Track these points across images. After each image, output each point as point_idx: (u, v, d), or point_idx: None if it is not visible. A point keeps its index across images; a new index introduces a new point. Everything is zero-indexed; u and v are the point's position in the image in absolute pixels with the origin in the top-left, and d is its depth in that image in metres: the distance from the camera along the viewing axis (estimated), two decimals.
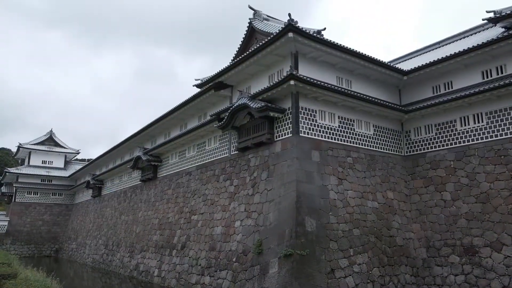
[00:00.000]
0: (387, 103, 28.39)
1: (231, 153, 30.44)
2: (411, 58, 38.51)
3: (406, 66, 32.51)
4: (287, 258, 20.47)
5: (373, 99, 27.54)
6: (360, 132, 27.85)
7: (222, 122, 28.58)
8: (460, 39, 34.66)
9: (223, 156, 31.49)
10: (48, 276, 22.07)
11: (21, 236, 73.57)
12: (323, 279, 20.31)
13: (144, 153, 43.43)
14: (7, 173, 77.50)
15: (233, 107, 27.19)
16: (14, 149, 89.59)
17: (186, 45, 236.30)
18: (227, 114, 28.09)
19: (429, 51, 37.28)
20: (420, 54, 37.98)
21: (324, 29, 26.28)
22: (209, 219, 29.94)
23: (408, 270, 24.92)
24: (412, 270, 25.16)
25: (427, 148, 28.43)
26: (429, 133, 28.54)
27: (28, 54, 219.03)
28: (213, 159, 32.88)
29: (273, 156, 25.47)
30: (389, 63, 30.45)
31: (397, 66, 31.89)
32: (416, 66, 29.24)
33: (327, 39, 24.93)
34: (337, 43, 25.35)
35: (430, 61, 28.07)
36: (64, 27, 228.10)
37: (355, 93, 26.51)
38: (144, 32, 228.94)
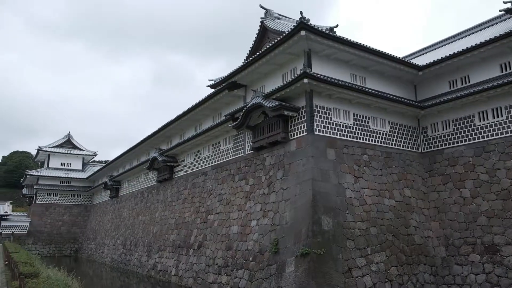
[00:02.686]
0: (403, 99, 28.02)
1: (246, 153, 30.47)
2: (425, 53, 37.89)
3: (420, 61, 32.02)
4: (304, 257, 20.40)
5: (388, 95, 27.23)
6: (375, 129, 27.56)
7: (237, 121, 28.63)
8: (475, 32, 33.91)
9: (238, 155, 31.54)
10: (68, 275, 22.50)
11: (42, 236, 75.12)
12: (340, 278, 20.19)
13: (160, 154, 43.80)
14: (27, 175, 79.28)
15: (247, 106, 27.21)
16: (34, 152, 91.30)
17: (201, 49, 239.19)
18: (241, 113, 28.12)
19: (443, 45, 36.62)
20: (434, 49, 37.34)
21: (337, 26, 26.07)
22: (225, 219, 30.04)
23: (427, 269, 24.58)
24: (431, 269, 24.80)
25: (445, 145, 27.97)
26: (446, 129, 28.07)
27: (50, 64, 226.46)
28: (228, 159, 32.97)
29: (288, 155, 25.40)
30: (403, 59, 30.04)
31: (411, 61, 31.44)
32: (432, 61, 28.76)
33: (340, 36, 24.73)
34: (350, 40, 25.12)
35: (446, 55, 27.57)
36: (82, 37, 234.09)
37: (370, 90, 26.23)
38: (161, 39, 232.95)
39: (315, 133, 24.07)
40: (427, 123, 29.57)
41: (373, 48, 26.27)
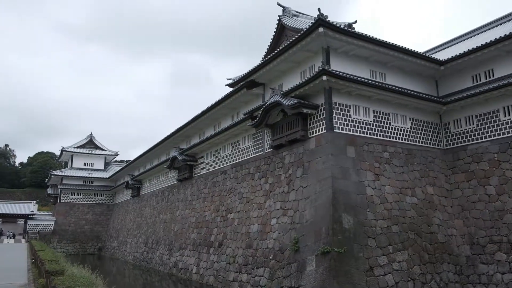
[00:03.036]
0: (424, 95, 27.50)
1: (266, 151, 30.46)
2: (446, 48, 37.05)
3: (441, 56, 31.34)
4: (324, 255, 20.28)
5: (409, 91, 26.78)
6: (396, 126, 27.15)
7: (256, 120, 28.63)
8: (499, 25, 32.93)
9: (258, 154, 31.56)
10: (92, 273, 22.91)
11: (67, 235, 76.91)
12: (361, 277, 19.99)
13: (180, 153, 44.21)
14: (52, 175, 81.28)
15: (266, 105, 27.18)
16: (58, 153, 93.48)
17: (221, 49, 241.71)
18: (260, 112, 28.11)
19: (465, 39, 35.70)
20: (455, 44, 36.44)
21: (355, 22, 25.79)
22: (245, 217, 30.12)
23: (451, 268, 24.10)
24: (455, 268, 24.30)
25: (468, 141, 27.33)
26: (470, 124, 27.43)
27: (74, 66, 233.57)
28: (247, 157, 33.03)
29: (308, 153, 25.27)
30: (424, 54, 29.47)
31: (432, 56, 30.80)
32: (454, 55, 28.11)
33: (359, 32, 24.43)
34: (369, 36, 24.80)
35: (469, 49, 26.91)
36: (105, 40, 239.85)
37: (390, 86, 25.85)
38: (181, 40, 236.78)
39: (334, 130, 23.87)
40: (449, 119, 28.96)
41: (392, 43, 25.87)
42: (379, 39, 25.24)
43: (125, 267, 51.93)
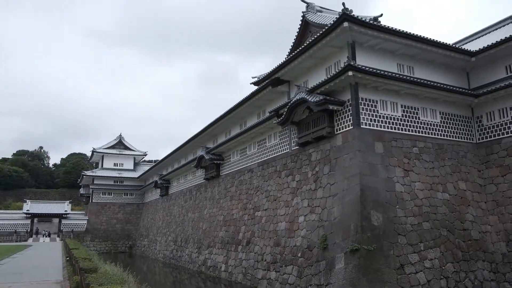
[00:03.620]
0: (455, 88, 26.70)
1: (292, 149, 30.33)
2: (476, 38, 35.77)
3: (472, 47, 30.29)
4: (354, 253, 20.03)
5: (439, 84, 26.06)
6: (425, 121, 26.48)
7: (281, 118, 28.55)
8: None
9: (284, 151, 31.47)
10: (124, 271, 23.43)
11: (99, 233, 79.00)
12: (392, 275, 19.63)
13: (207, 152, 44.60)
14: (84, 176, 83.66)
15: (291, 102, 27.05)
16: (89, 154, 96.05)
17: (246, 49, 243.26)
18: (285, 109, 28.01)
19: (496, 29, 34.33)
20: (486, 34, 35.12)
21: (381, 15, 25.32)
22: (272, 215, 30.11)
23: (485, 266, 23.34)
24: (490, 266, 23.52)
25: (503, 134, 26.35)
26: (504, 117, 26.43)
27: (105, 70, 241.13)
28: (274, 155, 32.98)
29: (335, 149, 25.01)
30: (454, 45, 28.59)
31: (462, 47, 29.83)
32: (486, 45, 27.13)
33: (385, 26, 23.95)
34: (396, 29, 24.27)
35: (502, 39, 25.88)
36: (134, 44, 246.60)
37: (419, 80, 25.23)
38: (207, 40, 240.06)
39: (361, 126, 23.52)
40: (482, 112, 28.01)
41: (420, 35, 25.22)
42: (406, 31, 24.67)
43: (156, 265, 52.89)
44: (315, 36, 25.22)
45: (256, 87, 34.25)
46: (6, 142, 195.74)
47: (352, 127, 23.74)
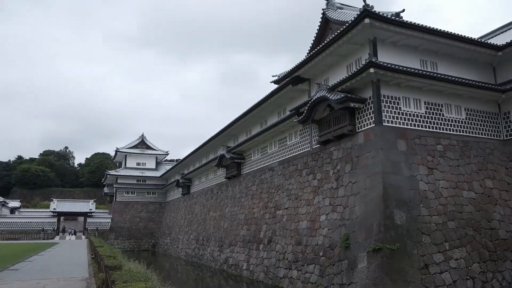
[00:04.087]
0: (480, 84, 26.02)
1: (313, 147, 30.17)
2: (502, 32, 34.69)
3: (499, 41, 29.42)
4: (376, 252, 19.78)
5: (464, 80, 25.42)
6: (450, 117, 25.91)
7: (302, 116, 28.42)
8: None
9: (305, 150, 31.32)
10: (147, 268, 23.78)
11: (123, 231, 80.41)
12: (416, 274, 19.30)
13: (228, 151, 44.80)
14: (107, 175, 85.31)
15: (312, 100, 26.89)
16: (112, 154, 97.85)
17: (266, 48, 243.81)
18: (306, 108, 27.87)
19: None
20: (509, 29, 34.02)
21: (403, 11, 24.84)
22: (294, 214, 30.02)
23: None
24: None
25: None
26: None
27: (127, 72, 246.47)
28: (295, 154, 32.87)
29: (356, 147, 24.74)
30: (479, 39, 27.85)
31: (488, 42, 29.03)
32: None
33: (407, 21, 23.53)
34: (419, 24, 23.81)
35: None
36: (155, 45, 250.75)
37: (443, 76, 24.70)
38: (227, 40, 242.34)
39: (383, 124, 23.19)
40: (509, 108, 27.20)
41: (444, 30, 24.67)
42: (429, 26, 24.17)
43: (178, 263, 53.49)
44: (336, 33, 25.00)
45: (276, 86, 34.19)
46: (33, 142, 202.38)
47: (374, 124, 23.43)
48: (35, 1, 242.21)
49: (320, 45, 26.91)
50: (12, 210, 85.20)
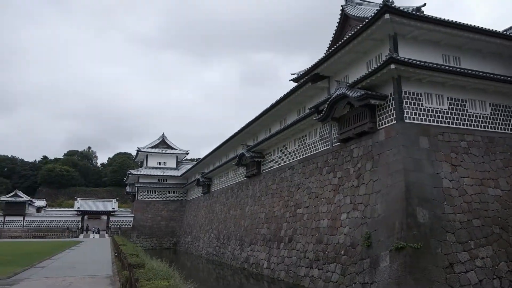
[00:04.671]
0: (506, 78, 25.31)
1: (333, 145, 29.94)
2: None
3: None
4: (399, 251, 19.51)
5: (488, 74, 24.77)
6: (474, 113, 25.30)
7: (321, 114, 28.23)
8: None
9: (325, 148, 31.11)
10: (170, 267, 24.07)
11: (145, 230, 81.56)
12: (440, 274, 18.94)
13: (247, 150, 44.90)
14: (129, 175, 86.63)
15: (332, 98, 26.68)
16: (134, 153, 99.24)
17: (285, 47, 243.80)
18: (325, 105, 27.67)
19: None
20: None
21: (424, 5, 24.34)
22: (314, 212, 29.88)
23: None
24: None
25: None
26: None
27: (149, 73, 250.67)
28: (315, 152, 32.69)
29: (377, 145, 24.43)
30: (504, 32, 27.07)
31: None
32: None
33: (429, 16, 23.08)
34: (441, 18, 23.31)
35: None
36: (176, 46, 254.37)
37: (466, 71, 24.13)
38: (247, 40, 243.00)
39: (405, 121, 22.83)
40: None
41: (467, 24, 24.09)
42: (452, 20, 23.64)
43: (199, 261, 53.96)
44: (355, 30, 24.71)
45: (295, 84, 34.05)
46: (58, 143, 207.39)
47: (395, 121, 23.09)
48: (59, 6, 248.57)
49: (340, 42, 26.66)
50: (38, 209, 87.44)
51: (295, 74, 35.78)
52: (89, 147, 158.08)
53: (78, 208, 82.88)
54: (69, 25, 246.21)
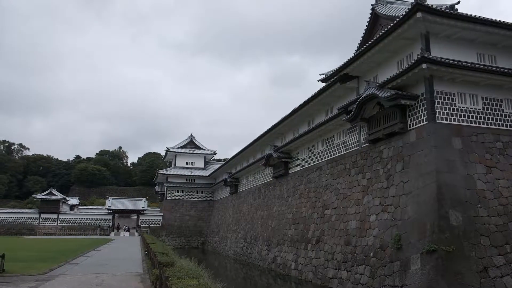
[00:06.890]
0: None
1: (362, 146, 29.58)
2: None
3: None
4: (431, 254, 19.09)
5: None
6: (510, 113, 24.46)
7: (350, 114, 27.96)
8: None
9: (353, 149, 30.78)
10: (198, 265, 24.41)
11: (173, 229, 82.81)
12: (474, 278, 18.42)
13: (275, 150, 44.92)
14: (158, 174, 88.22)
15: (361, 98, 26.38)
16: (163, 153, 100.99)
17: (315, 49, 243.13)
18: (354, 106, 27.38)
19: None
20: None
21: (458, 2, 23.85)
22: (342, 214, 29.60)
23: None
24: None
25: None
26: None
27: (181, 76, 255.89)
28: (343, 153, 32.39)
29: (408, 146, 23.99)
30: None
31: None
32: None
33: (463, 14, 22.50)
34: (475, 16, 22.68)
35: None
36: (207, 51, 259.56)
37: (502, 69, 23.36)
38: (276, 42, 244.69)
39: (437, 121, 22.33)
40: None
41: (503, 21, 23.33)
42: (487, 18, 22.97)
43: (227, 261, 54.34)
44: (386, 29, 24.37)
45: (323, 84, 33.84)
46: (91, 143, 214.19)
47: (427, 122, 22.62)
48: (98, 14, 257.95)
49: (370, 42, 26.34)
50: (72, 207, 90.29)
51: (323, 74, 35.56)
52: (120, 147, 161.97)
53: (109, 206, 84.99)
54: (106, 32, 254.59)
